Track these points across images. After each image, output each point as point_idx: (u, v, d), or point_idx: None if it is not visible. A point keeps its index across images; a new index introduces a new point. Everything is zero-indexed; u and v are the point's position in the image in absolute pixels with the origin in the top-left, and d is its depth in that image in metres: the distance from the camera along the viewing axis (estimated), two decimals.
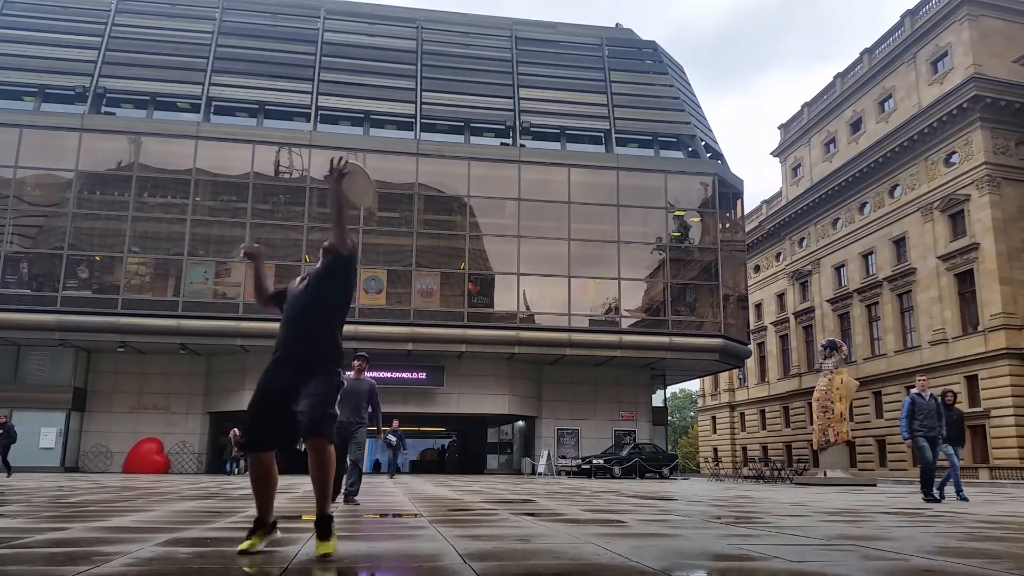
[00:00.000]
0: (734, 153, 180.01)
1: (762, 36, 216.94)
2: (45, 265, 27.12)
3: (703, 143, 32.67)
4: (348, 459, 8.35)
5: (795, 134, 45.34)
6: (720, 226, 31.58)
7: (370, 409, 8.58)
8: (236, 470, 25.68)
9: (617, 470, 26.76)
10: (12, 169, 26.93)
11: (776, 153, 47.89)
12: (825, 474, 20.88)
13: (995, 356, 29.40)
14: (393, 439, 22.92)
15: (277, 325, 4.04)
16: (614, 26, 36.22)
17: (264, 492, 3.90)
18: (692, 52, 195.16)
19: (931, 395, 11.83)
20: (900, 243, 35.38)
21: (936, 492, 11.09)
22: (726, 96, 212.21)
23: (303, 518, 6.55)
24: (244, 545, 3.78)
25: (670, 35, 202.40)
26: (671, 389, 61.14)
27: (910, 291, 34.54)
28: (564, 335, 28.68)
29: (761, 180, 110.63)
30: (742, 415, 51.46)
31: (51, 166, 27.80)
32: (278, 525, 4.02)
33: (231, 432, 25.96)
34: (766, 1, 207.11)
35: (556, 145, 31.27)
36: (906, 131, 34.26)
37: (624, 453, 28.24)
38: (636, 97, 33.02)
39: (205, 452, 29.25)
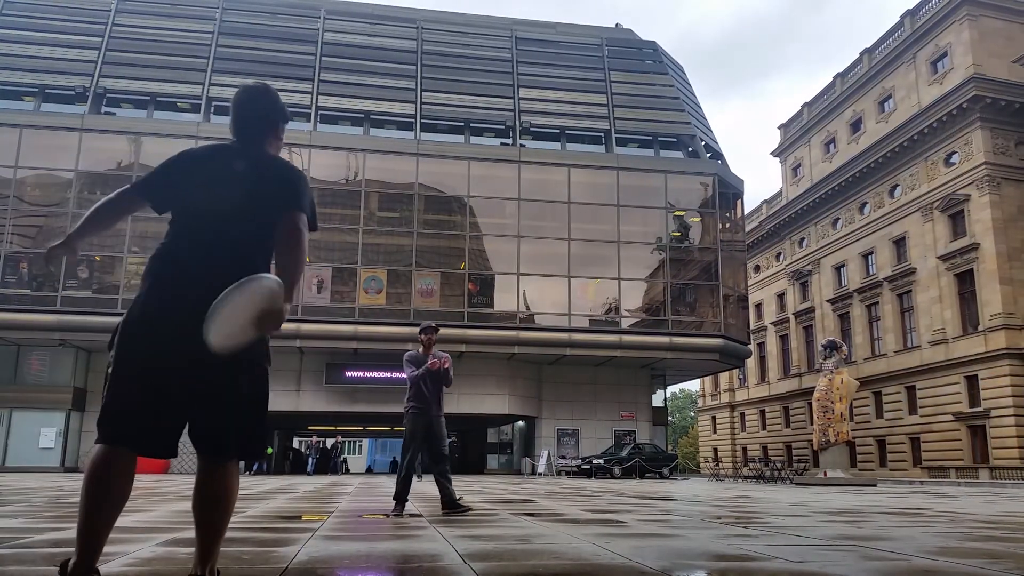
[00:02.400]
0: (739, 156, 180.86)
1: (767, 42, 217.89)
2: (45, 265, 27.09)
3: (703, 143, 32.66)
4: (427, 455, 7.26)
5: (795, 134, 45.34)
6: (720, 226, 31.58)
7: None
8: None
9: (617, 470, 26.76)
10: (12, 169, 26.93)
11: (776, 153, 47.88)
12: (825, 474, 20.88)
13: (995, 356, 29.39)
14: None
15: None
16: (614, 26, 36.22)
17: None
18: (698, 58, 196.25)
19: None
20: (900, 243, 35.37)
21: None
22: (731, 101, 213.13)
23: (303, 518, 6.55)
24: None
25: (676, 42, 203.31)
26: (671, 389, 61.17)
27: (910, 291, 34.54)
28: (564, 335, 28.68)
29: (766, 183, 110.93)
30: (742, 415, 51.45)
31: (51, 166, 27.79)
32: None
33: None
34: (771, 9, 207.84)
35: (556, 145, 31.27)
36: (906, 131, 34.25)
37: (624, 453, 28.23)
38: (636, 97, 33.01)
39: None
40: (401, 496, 7.11)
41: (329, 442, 35.30)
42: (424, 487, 14.49)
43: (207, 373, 2.31)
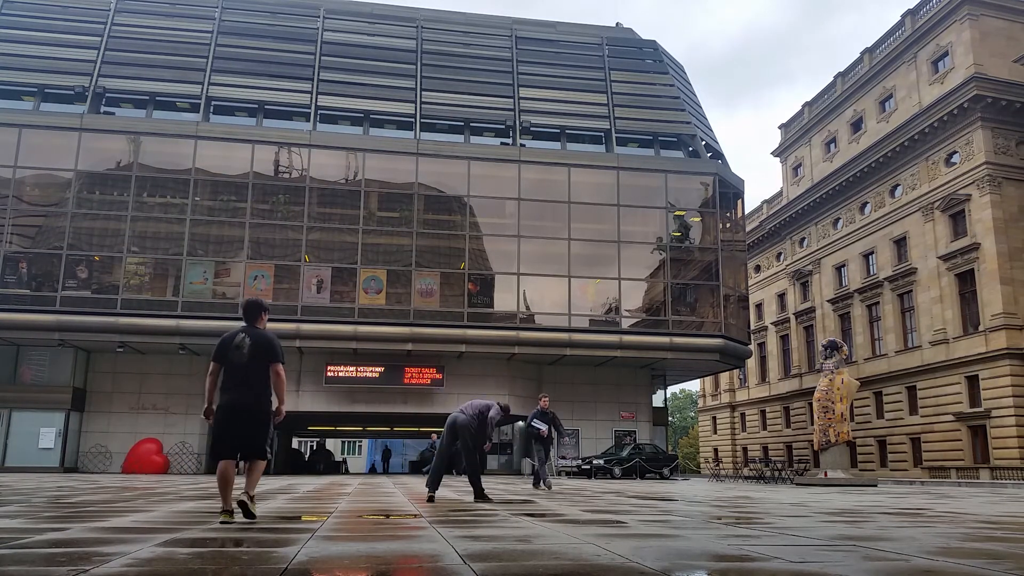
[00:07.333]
0: (744, 163, 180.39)
1: (776, 54, 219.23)
2: (44, 265, 27.09)
3: (703, 143, 32.63)
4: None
5: (796, 134, 45.32)
6: (720, 226, 31.53)
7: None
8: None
9: (617, 470, 26.74)
10: (12, 169, 26.91)
11: (777, 153, 47.88)
12: (826, 474, 20.87)
13: (996, 356, 29.38)
14: (544, 427, 15.54)
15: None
16: (614, 25, 36.20)
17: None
18: (708, 69, 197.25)
19: None
20: (901, 243, 35.35)
21: None
22: (740, 110, 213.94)
23: (303, 519, 6.54)
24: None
25: (687, 53, 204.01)
26: (671, 389, 61.14)
27: (911, 291, 34.52)
28: (564, 335, 28.65)
29: (771, 187, 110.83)
30: (742, 415, 51.45)
31: (50, 166, 27.75)
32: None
33: None
34: (780, 21, 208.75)
35: (556, 145, 31.24)
36: (907, 131, 34.24)
37: (624, 453, 28.21)
38: (636, 96, 32.97)
39: (204, 452, 29.19)
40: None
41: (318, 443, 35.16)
42: (424, 488, 14.45)
43: (243, 431, 5.82)
